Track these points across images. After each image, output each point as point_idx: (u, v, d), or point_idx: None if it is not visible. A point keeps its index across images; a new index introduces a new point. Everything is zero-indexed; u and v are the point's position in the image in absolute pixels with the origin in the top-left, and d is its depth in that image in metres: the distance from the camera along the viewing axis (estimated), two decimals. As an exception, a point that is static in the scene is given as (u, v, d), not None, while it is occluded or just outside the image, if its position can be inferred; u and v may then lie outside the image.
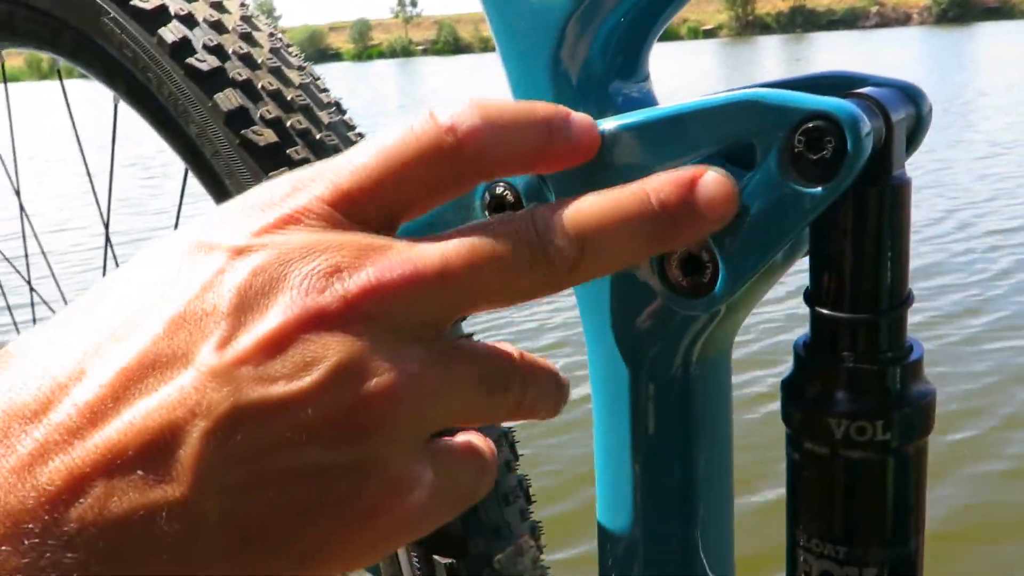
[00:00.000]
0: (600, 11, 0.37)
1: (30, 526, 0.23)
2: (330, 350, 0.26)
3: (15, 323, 1.12)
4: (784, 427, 0.35)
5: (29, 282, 1.05)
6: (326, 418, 0.25)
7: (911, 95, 0.34)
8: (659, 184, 0.31)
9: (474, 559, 0.54)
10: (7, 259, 1.04)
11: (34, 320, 1.06)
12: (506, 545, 0.54)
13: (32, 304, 1.03)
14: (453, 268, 0.28)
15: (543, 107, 0.31)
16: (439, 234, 0.29)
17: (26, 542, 0.23)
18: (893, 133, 0.31)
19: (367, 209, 0.29)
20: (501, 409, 0.30)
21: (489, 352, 0.30)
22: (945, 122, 8.48)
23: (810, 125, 0.30)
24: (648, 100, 0.39)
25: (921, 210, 5.13)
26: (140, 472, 0.24)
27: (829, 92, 0.32)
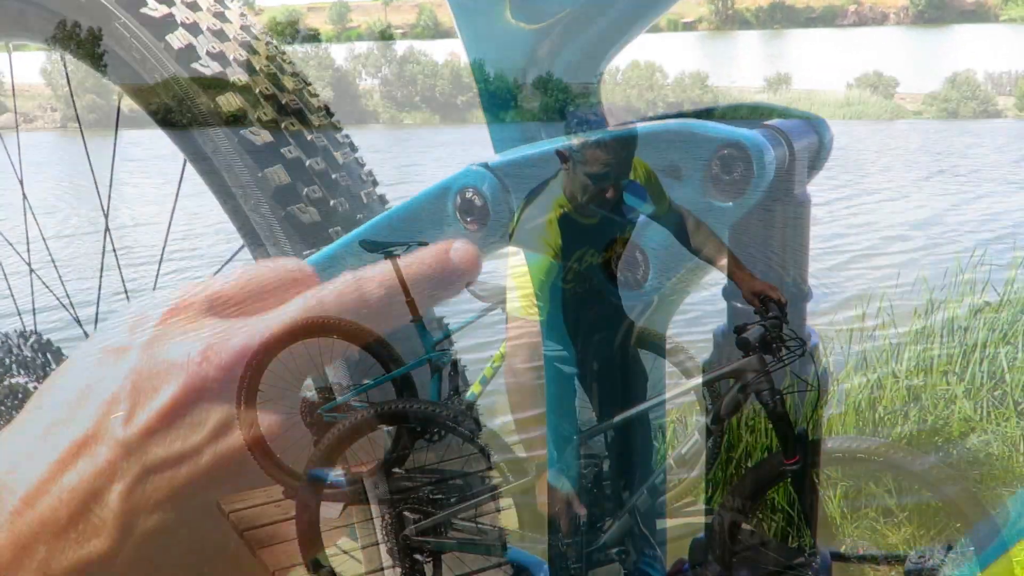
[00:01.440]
0: (559, 44, 0.43)
1: None
2: (213, 411, 0.33)
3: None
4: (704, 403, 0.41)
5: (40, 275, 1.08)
6: (218, 462, 0.33)
7: (814, 126, 0.40)
8: (431, 252, 0.38)
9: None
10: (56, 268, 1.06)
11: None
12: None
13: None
14: (295, 334, 0.35)
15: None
16: (286, 305, 0.36)
17: None
18: (796, 159, 0.38)
19: (232, 308, 0.37)
20: None
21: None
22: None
23: (724, 152, 0.36)
24: (600, 123, 0.45)
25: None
26: (73, 534, 0.31)
27: (748, 120, 0.38)
